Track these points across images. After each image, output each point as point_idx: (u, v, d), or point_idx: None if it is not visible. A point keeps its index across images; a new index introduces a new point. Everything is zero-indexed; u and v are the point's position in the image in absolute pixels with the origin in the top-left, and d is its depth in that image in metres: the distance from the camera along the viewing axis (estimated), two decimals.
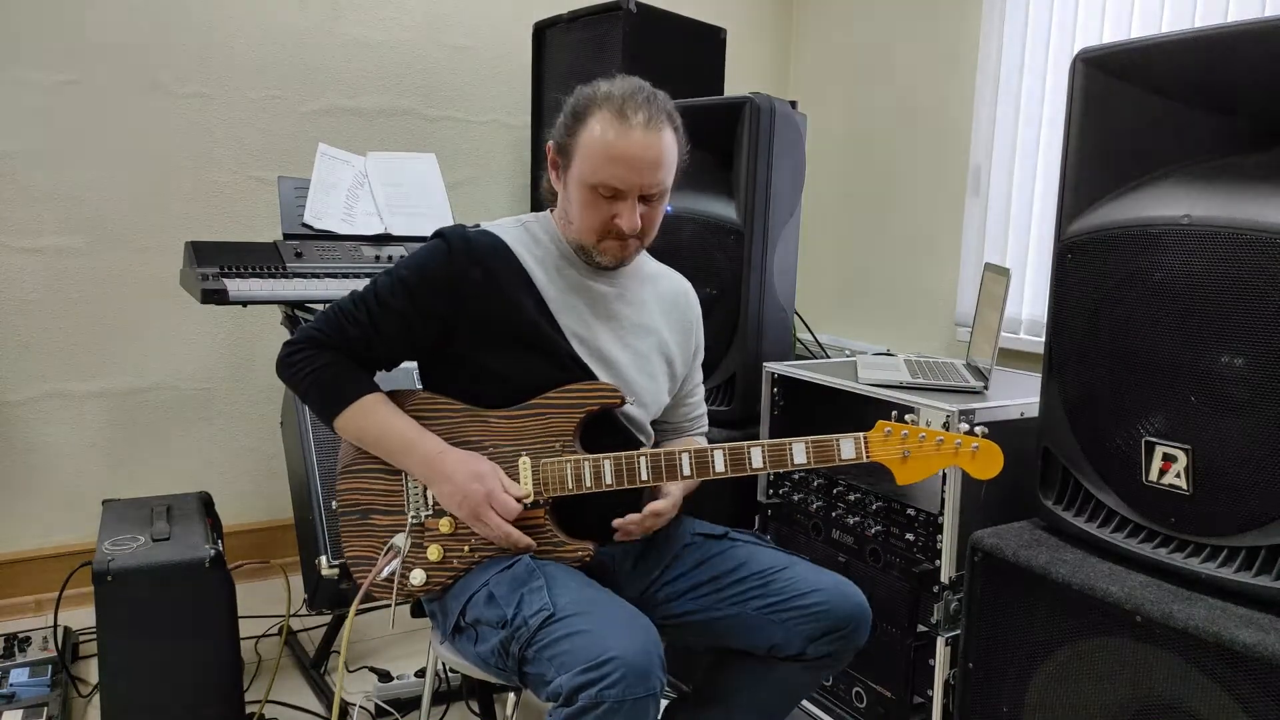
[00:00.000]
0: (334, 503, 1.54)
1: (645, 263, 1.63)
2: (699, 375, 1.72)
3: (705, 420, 1.75)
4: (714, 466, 1.43)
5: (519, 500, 1.42)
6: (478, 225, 1.50)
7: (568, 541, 1.44)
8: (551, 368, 1.46)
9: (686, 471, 1.43)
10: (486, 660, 1.37)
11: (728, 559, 1.53)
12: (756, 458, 1.42)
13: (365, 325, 1.45)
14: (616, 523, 1.45)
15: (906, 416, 1.42)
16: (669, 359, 1.60)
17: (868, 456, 1.40)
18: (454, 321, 1.45)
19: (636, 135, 1.39)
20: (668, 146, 1.43)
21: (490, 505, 1.40)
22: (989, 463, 1.39)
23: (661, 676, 1.22)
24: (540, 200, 2.95)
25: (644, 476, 1.42)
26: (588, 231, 1.45)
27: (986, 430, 1.40)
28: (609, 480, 1.43)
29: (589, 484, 1.43)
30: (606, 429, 1.49)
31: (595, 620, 1.25)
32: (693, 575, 1.53)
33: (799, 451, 1.41)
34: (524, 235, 1.50)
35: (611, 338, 1.52)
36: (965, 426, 1.41)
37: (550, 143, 1.49)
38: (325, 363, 1.45)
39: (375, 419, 1.45)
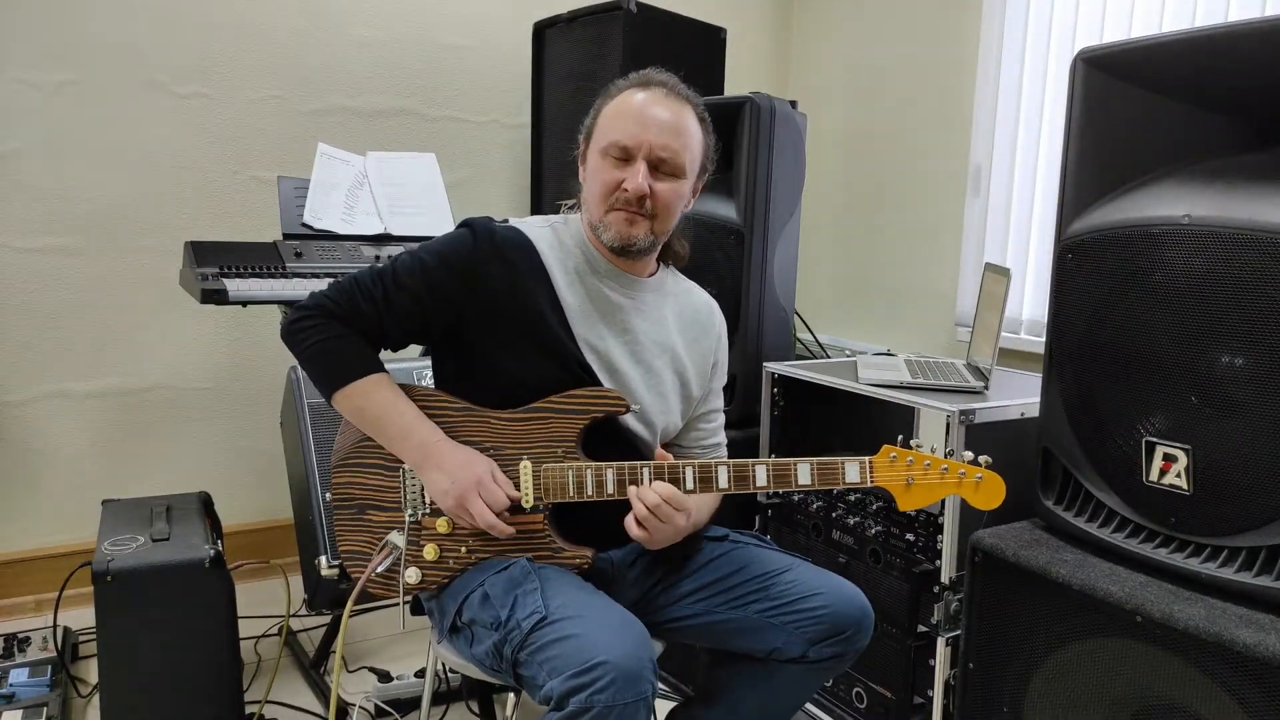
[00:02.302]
0: (327, 495, 1.53)
1: (671, 278, 1.60)
2: (717, 401, 1.66)
3: (723, 451, 1.67)
4: (717, 482, 1.41)
5: (510, 498, 1.40)
6: (506, 220, 1.49)
7: (566, 548, 1.43)
8: (559, 372, 1.44)
9: (690, 485, 1.40)
10: (482, 661, 1.37)
11: (729, 561, 1.52)
12: (761, 476, 1.40)
13: (379, 301, 1.43)
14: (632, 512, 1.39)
15: (911, 443, 1.40)
16: (683, 379, 1.56)
17: (872, 481, 1.39)
18: (467, 311, 1.43)
19: (653, 95, 1.42)
20: (686, 119, 1.43)
21: (478, 492, 1.38)
22: (991, 494, 1.38)
23: (653, 680, 1.22)
24: (541, 202, 2.97)
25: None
26: (596, 201, 1.43)
27: (991, 460, 1.39)
28: (610, 489, 1.40)
29: (590, 492, 1.41)
30: (613, 440, 1.48)
31: (586, 624, 1.24)
32: (694, 578, 1.52)
33: (804, 473, 1.39)
34: (550, 237, 1.49)
35: (624, 351, 1.50)
36: (970, 455, 1.40)
37: (580, 136, 1.50)
38: (333, 334, 1.42)
39: (378, 398, 1.44)
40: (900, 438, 1.45)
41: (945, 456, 1.39)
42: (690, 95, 1.46)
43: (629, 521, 1.39)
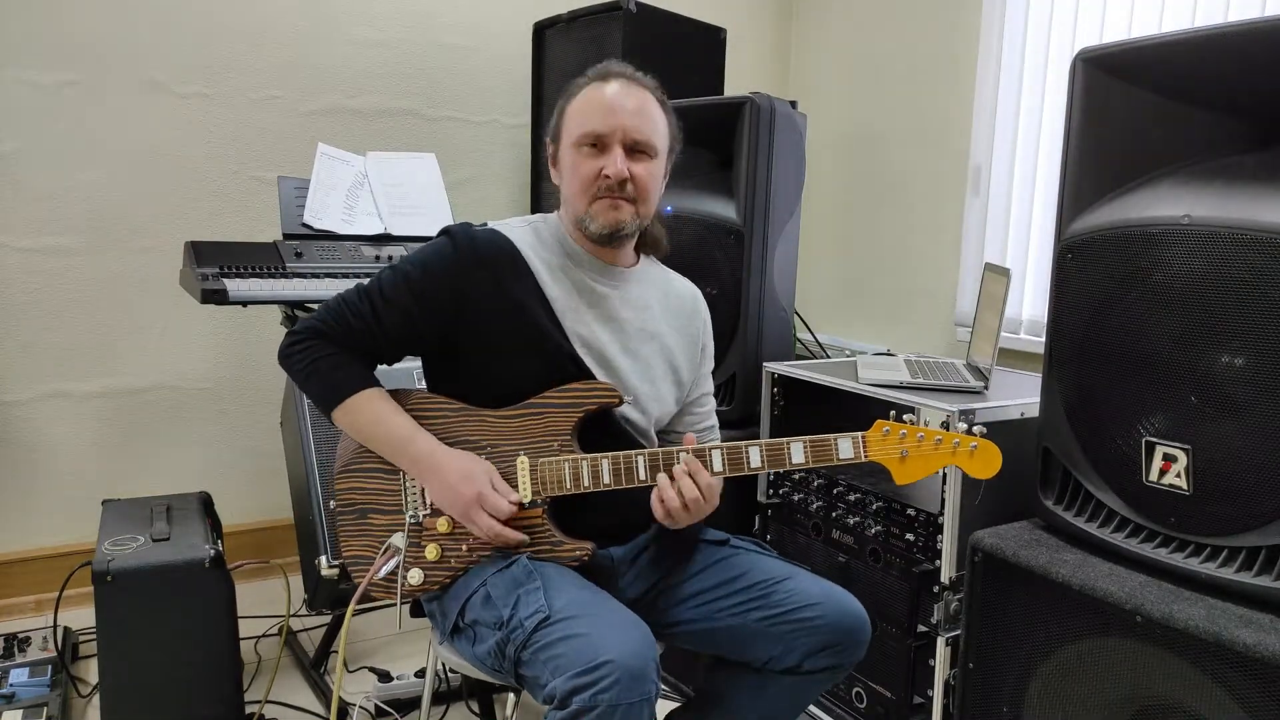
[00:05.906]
0: (332, 502, 1.55)
1: (652, 267, 1.62)
2: (708, 385, 1.68)
3: (716, 433, 1.70)
4: (712, 466, 1.42)
5: (512, 502, 1.41)
6: (485, 224, 1.50)
7: (566, 541, 1.44)
8: (553, 369, 1.45)
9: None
10: (484, 661, 1.37)
11: (729, 567, 1.52)
12: (754, 457, 1.42)
13: (369, 318, 1.45)
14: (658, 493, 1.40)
15: (905, 416, 1.42)
16: (674, 365, 1.58)
17: (866, 456, 1.40)
18: (457, 319, 1.44)
19: (615, 85, 1.46)
20: (651, 103, 1.47)
21: (480, 506, 1.40)
22: (987, 462, 1.39)
23: (656, 680, 1.22)
24: (541, 201, 2.97)
25: (642, 476, 1.41)
26: (579, 194, 1.46)
27: (985, 430, 1.40)
28: (607, 480, 1.42)
29: (587, 483, 1.43)
30: (607, 432, 1.48)
31: (591, 623, 1.24)
32: (693, 582, 1.52)
33: (797, 451, 1.41)
34: (530, 236, 1.50)
35: (614, 342, 1.51)
36: (964, 426, 1.41)
37: (547, 139, 1.53)
38: (326, 354, 1.45)
39: (371, 414, 1.45)
40: (893, 412, 1.45)
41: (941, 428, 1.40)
42: (648, 81, 1.50)
43: (655, 505, 1.40)
